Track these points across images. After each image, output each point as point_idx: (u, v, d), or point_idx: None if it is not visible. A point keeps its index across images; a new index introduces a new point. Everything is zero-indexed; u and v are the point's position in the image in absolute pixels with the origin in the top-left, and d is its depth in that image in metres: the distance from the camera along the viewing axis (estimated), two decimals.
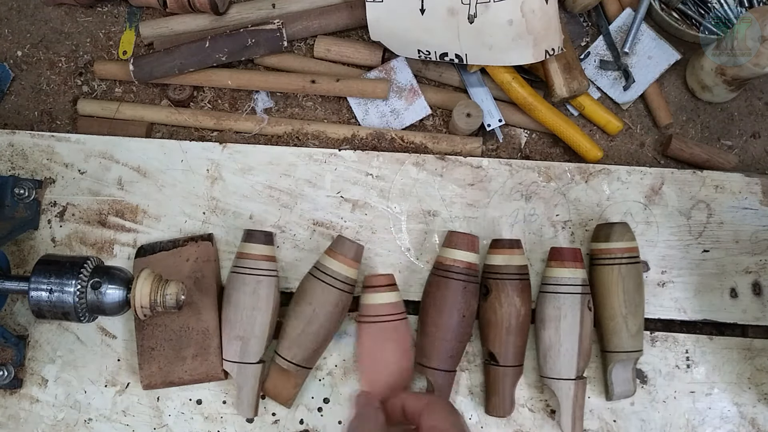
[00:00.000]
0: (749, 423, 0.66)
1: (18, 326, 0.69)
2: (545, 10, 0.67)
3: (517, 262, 0.64)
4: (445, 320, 0.63)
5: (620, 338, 0.64)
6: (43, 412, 0.67)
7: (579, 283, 0.63)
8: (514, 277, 0.64)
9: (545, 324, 0.63)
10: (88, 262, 0.58)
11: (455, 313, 0.63)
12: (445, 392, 0.64)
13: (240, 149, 0.72)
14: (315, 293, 0.63)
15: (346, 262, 0.64)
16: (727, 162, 0.75)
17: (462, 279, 0.63)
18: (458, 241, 0.64)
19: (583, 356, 0.62)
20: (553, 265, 0.65)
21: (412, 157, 0.71)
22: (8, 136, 0.72)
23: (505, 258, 0.64)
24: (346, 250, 0.64)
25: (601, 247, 0.66)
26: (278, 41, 0.75)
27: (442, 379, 0.63)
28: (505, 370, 0.63)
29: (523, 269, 0.65)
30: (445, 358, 0.63)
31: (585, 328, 0.62)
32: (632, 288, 0.64)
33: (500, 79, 0.73)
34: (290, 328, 0.63)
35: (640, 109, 0.79)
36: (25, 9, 0.82)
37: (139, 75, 0.75)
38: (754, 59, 0.68)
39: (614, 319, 0.64)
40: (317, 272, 0.64)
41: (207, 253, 0.67)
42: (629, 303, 0.63)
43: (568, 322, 0.62)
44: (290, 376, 0.64)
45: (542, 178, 0.71)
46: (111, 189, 0.71)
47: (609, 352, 0.64)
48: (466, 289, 0.63)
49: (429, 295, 0.65)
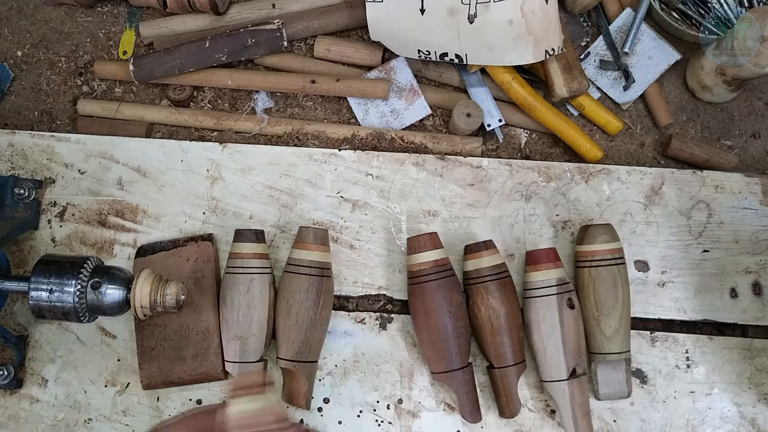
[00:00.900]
0: (749, 423, 0.66)
1: (18, 326, 0.69)
2: (545, 10, 0.67)
3: (487, 263, 0.64)
4: (434, 323, 0.63)
5: (595, 340, 0.64)
6: (43, 412, 0.67)
7: (553, 283, 0.63)
8: (485, 280, 0.64)
9: (530, 329, 0.64)
10: (88, 262, 0.58)
11: (441, 312, 0.63)
12: (467, 389, 0.63)
13: (240, 149, 0.72)
14: (285, 285, 0.64)
15: (307, 247, 0.64)
16: (727, 162, 0.75)
17: (433, 279, 0.63)
18: (416, 244, 0.65)
19: (570, 355, 0.62)
20: (527, 270, 0.65)
21: (412, 157, 0.71)
22: (8, 136, 0.72)
23: (474, 262, 0.65)
24: (305, 237, 0.65)
25: (577, 250, 0.66)
26: (278, 41, 0.75)
27: (459, 378, 0.63)
28: (502, 371, 0.63)
29: (496, 268, 0.64)
30: (450, 358, 0.63)
31: (567, 327, 0.62)
32: (604, 290, 0.64)
33: (500, 79, 0.73)
34: (277, 327, 0.64)
35: (640, 109, 0.79)
36: (25, 9, 0.82)
37: (139, 75, 0.75)
38: (754, 59, 0.68)
39: (588, 321, 0.64)
40: (286, 266, 0.65)
41: (207, 253, 0.67)
42: (601, 305, 0.63)
43: (548, 324, 0.62)
44: (295, 375, 0.64)
45: (542, 178, 0.71)
46: (111, 189, 0.71)
47: (589, 352, 0.65)
48: (440, 286, 0.63)
49: (412, 305, 0.65)
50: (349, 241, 0.70)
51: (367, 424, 0.66)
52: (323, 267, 0.65)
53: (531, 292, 0.64)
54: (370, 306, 0.69)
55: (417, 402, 0.66)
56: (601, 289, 0.64)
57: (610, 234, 0.65)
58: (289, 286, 0.64)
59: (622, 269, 0.64)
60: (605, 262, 0.64)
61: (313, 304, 0.64)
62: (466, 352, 0.64)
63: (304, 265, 0.64)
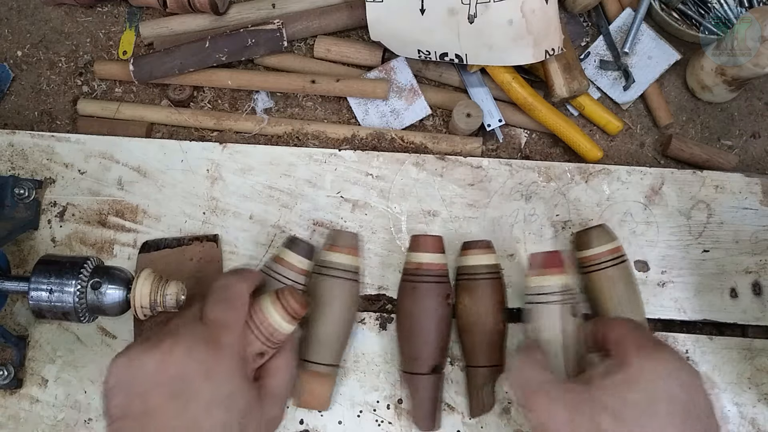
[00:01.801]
0: (749, 423, 0.66)
1: (18, 326, 0.69)
2: (545, 10, 0.67)
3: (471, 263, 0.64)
4: (416, 324, 0.63)
5: None
6: (43, 412, 0.67)
7: (556, 290, 0.60)
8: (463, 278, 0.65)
9: (529, 336, 0.61)
10: (88, 262, 0.58)
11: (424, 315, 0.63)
12: (428, 395, 0.63)
13: (240, 149, 0.72)
14: (330, 290, 0.63)
15: (345, 251, 0.64)
16: (727, 162, 0.75)
17: (426, 281, 0.64)
18: (418, 243, 0.65)
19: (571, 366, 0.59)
20: (528, 274, 0.62)
21: (412, 157, 0.71)
22: (8, 136, 0.72)
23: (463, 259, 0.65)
24: (343, 240, 0.65)
25: (580, 256, 0.65)
26: (278, 41, 0.75)
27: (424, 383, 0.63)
28: (469, 370, 0.64)
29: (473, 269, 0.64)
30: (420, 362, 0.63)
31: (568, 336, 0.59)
32: (622, 288, 0.62)
33: (500, 79, 0.73)
34: (314, 330, 0.63)
35: (640, 109, 0.79)
36: (25, 9, 0.82)
37: (139, 75, 0.75)
38: (754, 59, 0.68)
39: None
40: (323, 269, 0.64)
41: (211, 254, 0.67)
42: (623, 303, 0.62)
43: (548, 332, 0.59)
44: (326, 379, 0.64)
45: (542, 178, 0.71)
46: (111, 189, 0.71)
47: None
48: (430, 290, 0.63)
49: (399, 301, 0.65)
50: None
51: (367, 424, 0.66)
52: (359, 272, 0.66)
53: (531, 297, 0.61)
54: (370, 306, 0.69)
55: None
56: (619, 288, 0.62)
57: (609, 234, 0.64)
58: (335, 291, 0.63)
59: (621, 268, 0.64)
60: (612, 262, 0.63)
61: (353, 311, 0.64)
62: (439, 358, 0.63)
63: (346, 270, 0.64)
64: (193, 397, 0.49)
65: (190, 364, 0.49)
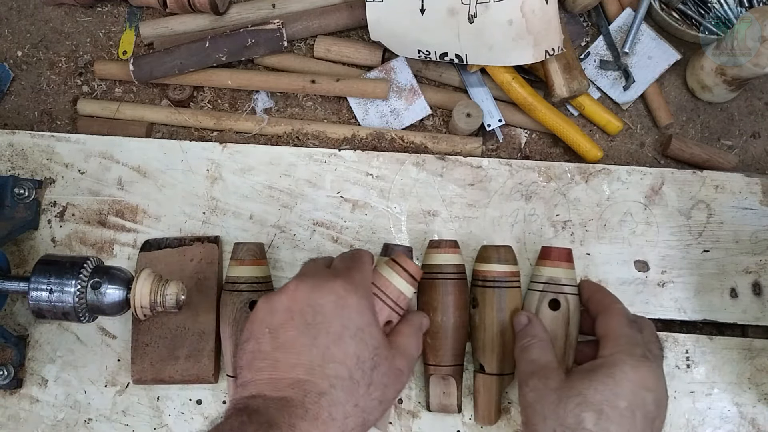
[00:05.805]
0: (749, 423, 0.66)
1: (18, 326, 0.69)
2: (545, 10, 0.67)
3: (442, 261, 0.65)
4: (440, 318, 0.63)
5: None
6: (43, 412, 0.67)
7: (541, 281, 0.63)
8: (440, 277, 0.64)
9: None
10: (88, 262, 0.58)
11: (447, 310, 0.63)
12: None
13: (240, 149, 0.72)
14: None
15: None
16: (727, 162, 0.75)
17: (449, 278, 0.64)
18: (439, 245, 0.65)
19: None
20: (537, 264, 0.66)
21: (412, 157, 0.71)
22: (8, 136, 0.72)
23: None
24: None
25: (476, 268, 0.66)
26: (278, 41, 0.75)
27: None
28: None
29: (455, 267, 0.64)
30: (445, 354, 0.63)
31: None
32: None
33: (500, 79, 0.73)
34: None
35: (640, 109, 0.79)
36: (25, 9, 0.82)
37: (139, 75, 0.75)
38: (754, 59, 0.68)
39: None
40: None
41: (211, 255, 0.67)
42: None
43: None
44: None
45: (542, 178, 0.71)
46: (111, 189, 0.71)
47: None
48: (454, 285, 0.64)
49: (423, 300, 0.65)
50: (349, 241, 0.70)
51: None
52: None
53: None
54: None
55: (417, 402, 0.66)
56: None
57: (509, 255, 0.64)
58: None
59: None
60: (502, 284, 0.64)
61: None
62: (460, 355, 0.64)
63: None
64: (324, 327, 0.49)
65: (320, 295, 0.51)
